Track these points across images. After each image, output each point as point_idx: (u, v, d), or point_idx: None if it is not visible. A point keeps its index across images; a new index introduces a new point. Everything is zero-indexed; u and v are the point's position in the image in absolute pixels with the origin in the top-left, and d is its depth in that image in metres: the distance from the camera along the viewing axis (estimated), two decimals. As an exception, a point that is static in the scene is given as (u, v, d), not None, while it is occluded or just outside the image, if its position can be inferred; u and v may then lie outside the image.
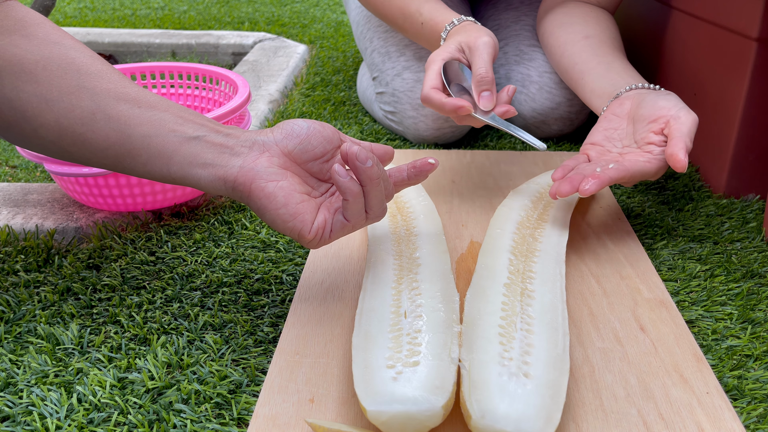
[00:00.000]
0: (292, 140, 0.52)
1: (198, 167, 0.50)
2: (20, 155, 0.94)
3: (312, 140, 0.52)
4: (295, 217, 0.50)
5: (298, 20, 1.83)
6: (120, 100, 0.49)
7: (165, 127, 0.49)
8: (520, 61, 0.98)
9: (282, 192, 0.49)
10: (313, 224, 0.51)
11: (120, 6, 2.04)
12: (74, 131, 0.49)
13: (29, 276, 0.64)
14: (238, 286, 0.63)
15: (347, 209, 0.51)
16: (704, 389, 0.48)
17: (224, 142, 0.50)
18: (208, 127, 0.51)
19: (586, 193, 0.60)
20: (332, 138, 0.53)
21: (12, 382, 0.51)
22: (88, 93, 0.49)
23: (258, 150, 0.50)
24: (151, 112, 0.49)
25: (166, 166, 0.50)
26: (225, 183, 0.50)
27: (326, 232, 0.51)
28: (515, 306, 0.52)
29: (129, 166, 0.51)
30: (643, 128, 0.67)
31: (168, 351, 0.53)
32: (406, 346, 0.47)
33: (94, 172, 0.67)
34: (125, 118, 0.49)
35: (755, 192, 0.78)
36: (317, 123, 0.53)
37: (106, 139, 0.49)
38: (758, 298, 0.60)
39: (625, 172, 0.63)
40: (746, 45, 0.73)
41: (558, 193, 0.62)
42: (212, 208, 0.77)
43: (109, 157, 0.50)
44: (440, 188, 0.79)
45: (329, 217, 0.52)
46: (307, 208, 0.51)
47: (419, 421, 0.41)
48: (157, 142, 0.49)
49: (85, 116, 0.48)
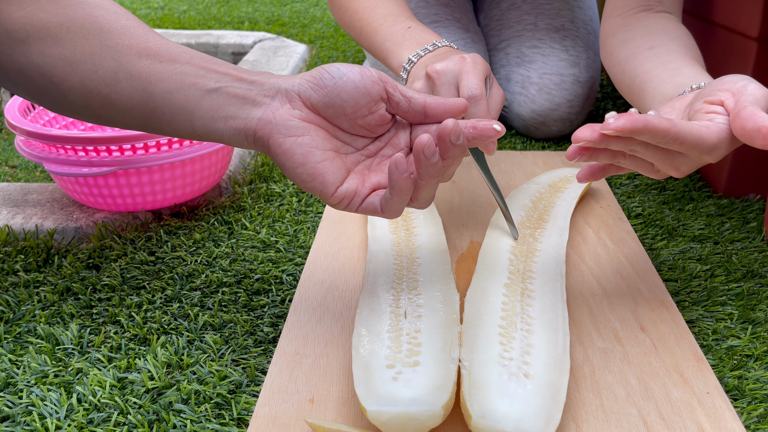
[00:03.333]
0: (317, 91, 0.46)
1: (219, 121, 0.47)
2: (20, 155, 0.94)
3: (342, 94, 0.46)
4: (314, 177, 0.46)
5: (298, 20, 1.83)
6: (141, 56, 0.47)
7: (185, 81, 0.46)
8: (520, 63, 0.98)
9: (300, 149, 0.45)
10: (339, 188, 0.46)
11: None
12: (100, 93, 0.47)
13: (29, 276, 0.64)
14: (238, 286, 0.63)
15: (389, 204, 0.46)
16: (704, 389, 0.48)
17: (246, 92, 0.46)
18: (231, 76, 0.47)
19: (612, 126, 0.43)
20: (371, 91, 0.46)
21: (12, 382, 0.51)
22: (110, 52, 0.46)
23: (280, 100, 0.46)
24: (172, 65, 0.47)
25: (190, 122, 0.47)
26: (246, 136, 0.47)
27: (354, 203, 0.47)
28: (515, 306, 0.52)
29: (156, 125, 0.48)
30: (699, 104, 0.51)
31: (168, 351, 0.53)
32: (406, 346, 0.47)
33: (93, 172, 0.67)
34: (146, 75, 0.46)
35: (755, 192, 0.78)
36: (356, 71, 0.46)
37: (130, 99, 0.47)
38: (758, 298, 0.60)
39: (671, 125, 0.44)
40: (746, 45, 0.73)
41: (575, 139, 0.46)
42: (212, 208, 0.77)
43: (136, 117, 0.48)
44: (440, 188, 0.79)
45: (362, 189, 0.47)
46: (331, 168, 0.46)
47: (419, 421, 0.41)
48: (178, 97, 0.46)
49: (108, 76, 0.46)
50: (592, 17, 1.03)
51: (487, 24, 1.06)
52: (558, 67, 0.95)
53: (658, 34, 0.68)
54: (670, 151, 0.47)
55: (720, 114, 0.48)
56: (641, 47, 0.68)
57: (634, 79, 0.66)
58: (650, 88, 0.62)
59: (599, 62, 1.00)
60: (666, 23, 0.70)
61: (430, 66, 0.59)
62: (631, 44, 0.69)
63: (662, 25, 0.70)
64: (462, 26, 0.98)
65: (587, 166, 0.54)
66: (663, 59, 0.64)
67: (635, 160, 0.50)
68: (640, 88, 0.64)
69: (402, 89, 0.48)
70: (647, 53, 0.66)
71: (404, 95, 0.47)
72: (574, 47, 0.97)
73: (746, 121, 0.45)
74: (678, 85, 0.59)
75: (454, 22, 0.98)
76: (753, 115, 0.45)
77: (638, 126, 0.43)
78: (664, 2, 0.72)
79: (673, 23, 0.70)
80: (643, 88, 0.63)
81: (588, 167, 0.54)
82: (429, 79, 0.59)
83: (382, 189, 0.47)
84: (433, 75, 0.59)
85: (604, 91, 1.19)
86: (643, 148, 0.47)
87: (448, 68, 0.58)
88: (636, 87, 0.65)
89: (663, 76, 0.61)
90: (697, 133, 0.46)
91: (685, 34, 0.69)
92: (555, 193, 0.72)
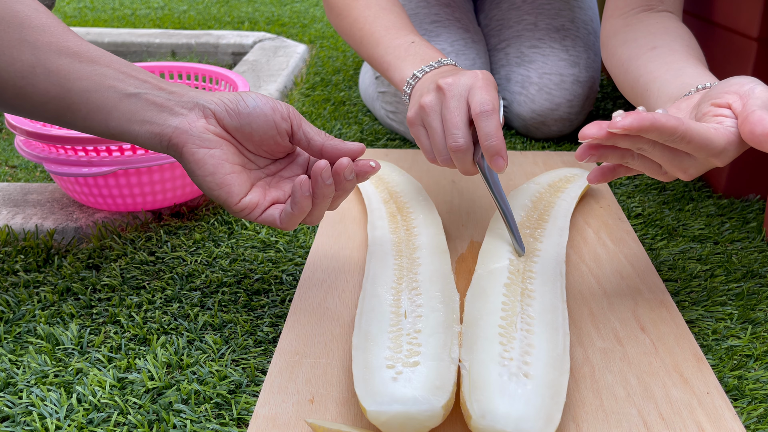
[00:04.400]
0: (231, 117, 0.51)
1: (136, 124, 0.50)
2: (20, 155, 0.94)
3: (253, 123, 0.51)
4: (221, 187, 0.50)
5: (298, 20, 1.83)
6: (61, 54, 0.49)
7: (104, 83, 0.49)
8: (520, 63, 0.98)
9: (212, 160, 0.49)
10: (243, 199, 0.51)
11: (120, 6, 2.04)
12: (14, 84, 0.49)
13: (29, 276, 0.64)
14: (238, 286, 0.63)
15: (288, 217, 0.51)
16: (704, 389, 0.48)
17: (164, 101, 0.50)
18: (150, 84, 0.50)
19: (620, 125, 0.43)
20: (278, 126, 0.51)
21: (12, 382, 0.51)
22: (29, 46, 0.48)
23: (197, 114, 0.50)
24: (91, 66, 0.49)
25: (105, 121, 0.50)
26: (160, 141, 0.50)
27: (254, 214, 0.51)
28: (515, 306, 0.52)
29: (70, 120, 0.51)
30: (706, 106, 0.50)
31: (168, 351, 0.53)
32: (406, 346, 0.47)
33: (93, 172, 0.67)
34: (65, 73, 0.49)
35: (755, 192, 0.78)
36: (269, 106, 0.51)
37: (46, 93, 0.49)
38: (758, 298, 0.60)
39: (679, 123, 0.44)
40: (746, 45, 0.73)
41: (582, 137, 0.46)
42: (212, 208, 0.77)
43: (50, 110, 0.50)
44: (440, 188, 0.79)
45: (263, 202, 0.52)
46: (237, 180, 0.50)
47: (419, 421, 0.41)
48: (96, 97, 0.49)
49: (25, 70, 0.48)
50: (592, 17, 1.04)
51: (487, 24, 1.06)
52: (558, 67, 0.95)
53: (660, 34, 0.68)
54: (678, 152, 0.47)
55: (728, 117, 0.48)
56: (644, 47, 0.67)
57: (638, 80, 0.65)
58: (654, 89, 0.62)
59: (599, 62, 1.00)
60: (668, 23, 0.70)
61: (442, 79, 0.59)
62: (634, 44, 0.69)
63: (664, 25, 0.70)
64: (462, 26, 0.98)
65: (597, 168, 0.53)
66: (666, 59, 0.64)
67: (643, 161, 0.50)
68: (644, 88, 0.64)
69: (306, 129, 0.53)
70: (650, 53, 0.66)
71: (306, 135, 0.53)
72: (574, 47, 0.97)
73: (755, 126, 0.45)
74: (682, 85, 0.58)
75: (454, 22, 0.98)
76: (762, 119, 0.45)
77: (645, 124, 0.43)
78: (665, 2, 0.72)
79: (675, 23, 0.70)
80: (647, 88, 0.63)
81: (598, 169, 0.53)
82: (439, 91, 0.59)
83: (280, 203, 0.53)
84: (445, 87, 0.58)
85: (604, 91, 1.19)
86: (650, 147, 0.47)
87: (460, 82, 0.58)
88: (639, 88, 0.65)
89: (667, 77, 0.61)
90: (705, 134, 0.46)
91: (687, 34, 0.69)
92: (555, 193, 0.72)
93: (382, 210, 0.69)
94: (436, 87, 0.59)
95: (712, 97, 0.50)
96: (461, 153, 0.57)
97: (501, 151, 0.56)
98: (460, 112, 0.57)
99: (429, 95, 0.60)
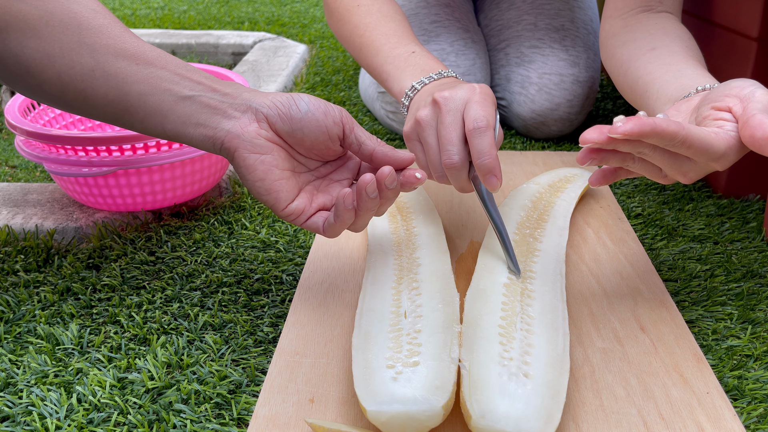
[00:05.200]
0: (283, 121, 0.51)
1: (190, 127, 0.50)
2: (20, 155, 0.94)
3: (305, 129, 0.51)
4: (269, 192, 0.51)
5: (298, 20, 1.83)
6: (119, 56, 0.50)
7: (160, 86, 0.50)
8: (520, 63, 0.98)
9: (262, 166, 0.50)
10: (290, 205, 0.51)
11: (120, 6, 2.04)
12: (75, 87, 0.49)
13: (29, 276, 0.64)
14: (238, 286, 0.63)
15: (331, 227, 0.52)
16: (704, 389, 0.48)
17: (217, 104, 0.50)
18: (204, 86, 0.51)
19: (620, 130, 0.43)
20: (330, 131, 0.52)
21: (12, 382, 0.51)
22: (88, 49, 0.49)
23: (249, 117, 0.51)
24: (148, 69, 0.50)
25: (161, 124, 0.51)
26: (213, 144, 0.51)
27: (300, 219, 0.52)
28: (515, 306, 0.52)
29: (128, 121, 0.51)
30: (707, 110, 0.50)
31: (168, 351, 0.53)
32: (406, 346, 0.47)
33: (93, 172, 0.67)
34: (123, 76, 0.49)
35: (755, 192, 0.78)
36: (322, 110, 0.51)
37: (105, 96, 0.50)
38: (758, 298, 0.60)
39: (679, 128, 0.44)
40: (746, 45, 0.73)
41: (582, 141, 0.46)
42: (212, 208, 0.77)
43: (109, 113, 0.51)
44: (440, 188, 0.79)
45: (309, 209, 0.52)
46: (286, 186, 0.51)
47: (419, 421, 0.41)
48: (152, 100, 0.50)
49: (85, 73, 0.49)
50: (592, 17, 1.04)
51: (487, 24, 1.06)
52: (558, 67, 0.95)
53: (659, 35, 0.68)
54: (678, 155, 0.47)
55: (728, 121, 0.48)
56: (643, 48, 0.67)
57: (637, 81, 0.65)
58: (653, 90, 0.62)
59: (599, 62, 1.00)
60: (667, 23, 0.70)
61: (438, 92, 0.57)
62: (633, 45, 0.69)
63: (663, 26, 0.69)
64: (462, 26, 0.98)
65: (599, 171, 0.53)
66: (665, 60, 0.64)
67: (644, 164, 0.50)
68: (643, 90, 0.63)
69: (358, 134, 0.53)
70: (649, 54, 0.66)
71: (357, 139, 0.53)
72: (573, 47, 0.97)
73: (756, 130, 0.45)
74: (682, 87, 0.58)
75: (454, 23, 0.98)
76: (762, 123, 0.45)
77: (646, 129, 0.43)
78: (665, 2, 0.72)
79: (674, 23, 0.70)
80: (646, 89, 0.63)
81: (600, 171, 0.53)
82: (435, 105, 0.57)
83: (326, 210, 0.53)
84: (441, 101, 0.56)
85: (604, 91, 1.19)
86: (651, 151, 0.47)
87: (456, 96, 0.56)
88: (639, 89, 0.64)
89: (666, 78, 0.61)
90: (705, 139, 0.46)
91: (686, 35, 0.68)
92: (555, 193, 0.72)
93: (382, 210, 0.69)
94: (433, 101, 0.57)
95: (713, 100, 0.50)
96: (456, 170, 0.56)
97: (494, 170, 0.54)
98: (455, 128, 0.56)
99: (425, 109, 0.58)
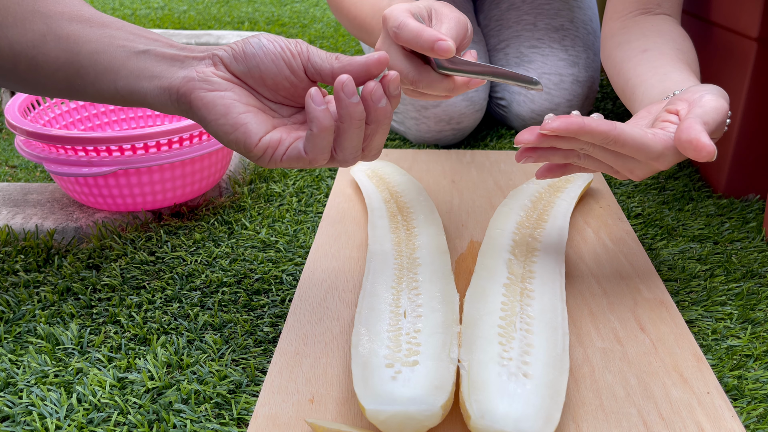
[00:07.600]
0: (239, 61, 0.46)
1: (145, 80, 0.46)
2: (20, 155, 0.94)
3: (261, 65, 0.46)
4: (236, 128, 0.45)
5: (298, 20, 1.83)
6: (72, 20, 0.48)
7: (114, 43, 0.47)
8: (520, 63, 0.98)
9: (222, 101, 0.45)
10: (263, 138, 0.45)
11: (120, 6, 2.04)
12: (27, 55, 0.48)
13: (29, 276, 0.64)
14: (238, 286, 0.63)
15: (310, 141, 0.44)
16: (704, 389, 0.48)
17: (175, 54, 0.47)
18: (160, 42, 0.48)
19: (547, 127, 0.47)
20: (290, 63, 0.46)
21: (12, 382, 0.51)
22: (41, 16, 0.48)
23: (206, 63, 0.46)
24: (102, 30, 0.48)
25: (113, 81, 0.47)
26: (169, 95, 0.46)
27: (278, 153, 0.45)
28: (515, 306, 0.52)
29: (80, 87, 0.49)
30: (663, 112, 0.53)
31: (168, 351, 0.53)
32: (405, 345, 0.47)
33: (93, 172, 0.67)
34: (75, 37, 0.47)
35: (755, 192, 0.78)
36: (278, 42, 0.46)
37: (56, 60, 0.48)
38: (758, 298, 0.60)
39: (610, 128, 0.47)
40: (746, 45, 0.73)
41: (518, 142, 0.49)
42: (212, 208, 0.77)
43: (60, 80, 0.48)
44: (440, 188, 0.79)
45: (287, 139, 0.46)
46: (253, 119, 0.45)
47: (418, 420, 0.41)
48: (104, 58, 0.47)
49: (36, 39, 0.47)
50: (592, 17, 1.04)
51: (486, 24, 1.06)
52: (557, 67, 0.95)
53: (653, 36, 0.69)
54: (621, 154, 0.50)
55: (673, 123, 0.51)
56: (635, 50, 0.68)
57: (627, 83, 0.67)
58: (639, 92, 0.63)
59: (599, 62, 1.00)
60: (663, 25, 0.71)
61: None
62: (627, 47, 0.70)
63: (658, 28, 0.70)
64: (462, 26, 0.98)
65: (545, 164, 0.55)
66: (654, 63, 0.65)
67: (592, 161, 0.52)
68: (632, 91, 0.65)
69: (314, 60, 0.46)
70: (640, 56, 0.67)
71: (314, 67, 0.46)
72: (573, 47, 0.97)
73: (682, 133, 0.47)
74: (664, 90, 0.60)
75: (453, 22, 0.98)
76: (689, 128, 0.47)
77: (573, 127, 0.46)
78: (663, 4, 0.72)
79: (670, 25, 0.70)
80: (634, 91, 0.64)
81: (546, 165, 0.55)
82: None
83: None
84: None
85: (604, 91, 1.19)
86: (592, 148, 0.49)
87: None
88: (628, 90, 0.66)
89: (652, 81, 0.63)
90: (640, 139, 0.48)
91: (681, 36, 0.69)
92: (554, 193, 0.72)
93: (383, 209, 0.69)
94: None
95: (670, 103, 0.53)
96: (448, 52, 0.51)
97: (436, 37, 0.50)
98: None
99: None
